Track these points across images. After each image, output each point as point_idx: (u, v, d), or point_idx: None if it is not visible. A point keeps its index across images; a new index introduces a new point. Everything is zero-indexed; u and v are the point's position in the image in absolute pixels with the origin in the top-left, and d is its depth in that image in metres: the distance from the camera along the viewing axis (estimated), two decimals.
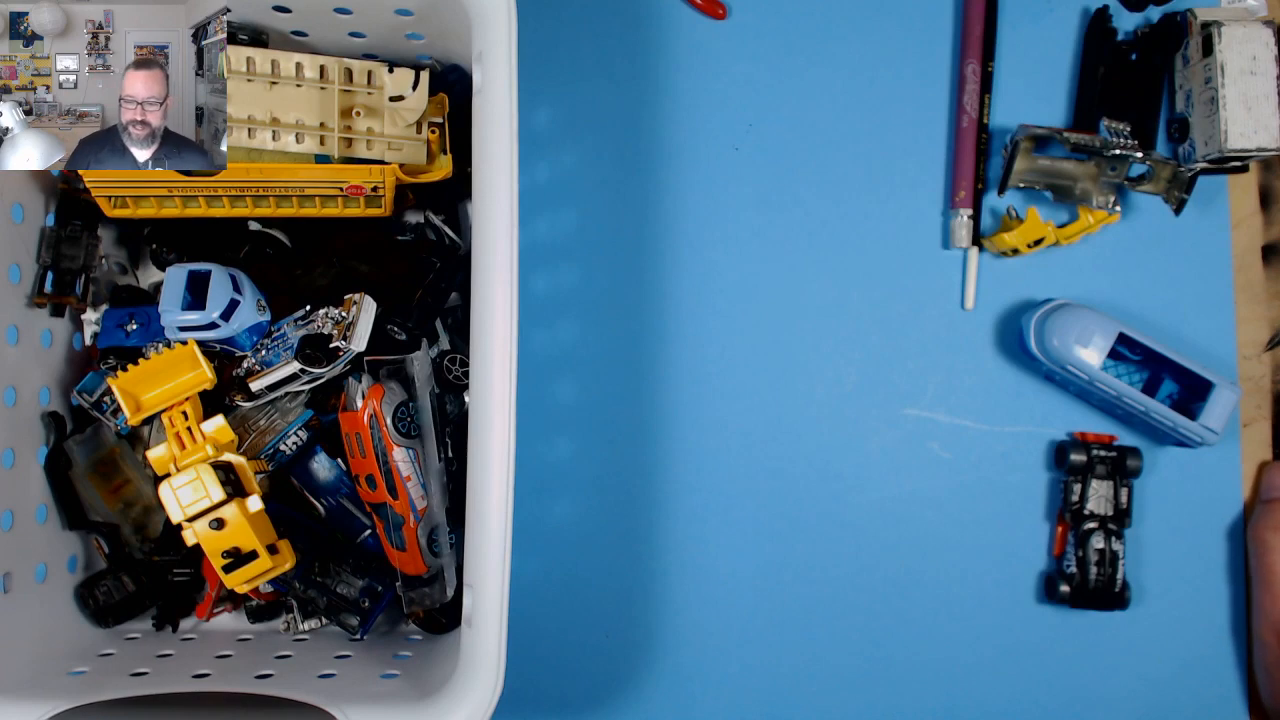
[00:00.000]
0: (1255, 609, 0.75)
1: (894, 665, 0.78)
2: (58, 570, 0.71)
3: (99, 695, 0.59)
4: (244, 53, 0.67)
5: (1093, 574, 0.75)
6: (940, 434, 0.79)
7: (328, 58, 0.68)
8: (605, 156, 0.80)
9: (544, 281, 0.80)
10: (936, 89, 0.80)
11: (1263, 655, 0.74)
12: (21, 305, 0.70)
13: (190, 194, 0.68)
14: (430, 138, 0.69)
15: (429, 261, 0.72)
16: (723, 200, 0.80)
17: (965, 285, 0.79)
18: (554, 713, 0.78)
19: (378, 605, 0.72)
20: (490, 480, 0.56)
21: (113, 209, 0.68)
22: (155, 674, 0.64)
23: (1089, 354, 0.73)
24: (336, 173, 0.67)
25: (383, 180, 0.67)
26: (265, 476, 0.71)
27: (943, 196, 0.80)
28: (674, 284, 0.80)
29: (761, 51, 0.81)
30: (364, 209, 0.70)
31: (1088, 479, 0.76)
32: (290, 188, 0.67)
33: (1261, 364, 0.79)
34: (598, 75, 0.81)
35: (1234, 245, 0.79)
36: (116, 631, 0.73)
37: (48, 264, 0.71)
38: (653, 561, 0.78)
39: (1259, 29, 0.73)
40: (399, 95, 0.68)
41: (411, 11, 0.65)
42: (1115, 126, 0.75)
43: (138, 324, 0.73)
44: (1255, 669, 0.76)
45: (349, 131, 0.68)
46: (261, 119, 0.67)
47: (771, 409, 0.79)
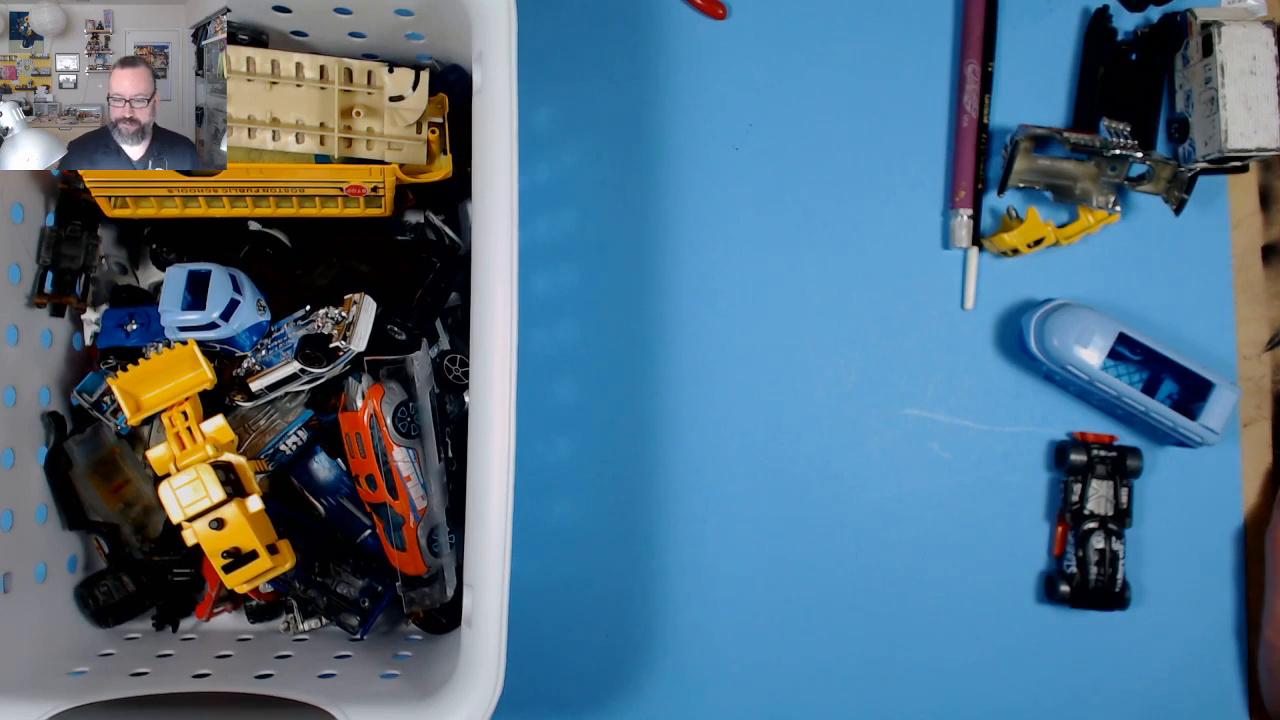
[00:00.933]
0: (1266, 612, 0.75)
1: (894, 665, 0.78)
2: (58, 570, 0.71)
3: (99, 695, 0.59)
4: (244, 53, 0.67)
5: (1093, 574, 0.75)
6: (940, 434, 0.79)
7: (328, 58, 0.68)
8: (605, 156, 0.80)
9: (544, 281, 0.80)
10: (936, 89, 0.80)
11: (1268, 657, 0.74)
12: (21, 305, 0.70)
13: (190, 194, 0.68)
14: (430, 138, 0.69)
15: (429, 261, 0.72)
16: (723, 200, 0.80)
17: (965, 285, 0.79)
18: (554, 713, 0.78)
19: (378, 605, 0.72)
20: (490, 480, 0.56)
21: (113, 209, 0.68)
22: (155, 674, 0.64)
23: (1089, 354, 0.73)
24: (336, 173, 0.67)
25: (383, 180, 0.67)
26: (265, 476, 0.71)
27: (943, 196, 0.80)
28: (674, 284, 0.80)
29: (761, 51, 0.81)
30: (364, 209, 0.70)
31: (1088, 479, 0.76)
32: (290, 188, 0.67)
33: (1261, 364, 0.79)
34: (598, 75, 0.81)
35: (1234, 245, 0.79)
36: (116, 631, 0.73)
37: (48, 264, 0.71)
38: (653, 561, 0.78)
39: (1259, 29, 0.73)
40: (399, 95, 0.68)
41: (411, 11, 0.65)
42: (1115, 126, 0.75)
43: (138, 324, 0.73)
44: (1259, 670, 0.76)
45: (349, 131, 0.68)
46: (261, 119, 0.67)
47: (771, 409, 0.79)
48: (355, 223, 0.72)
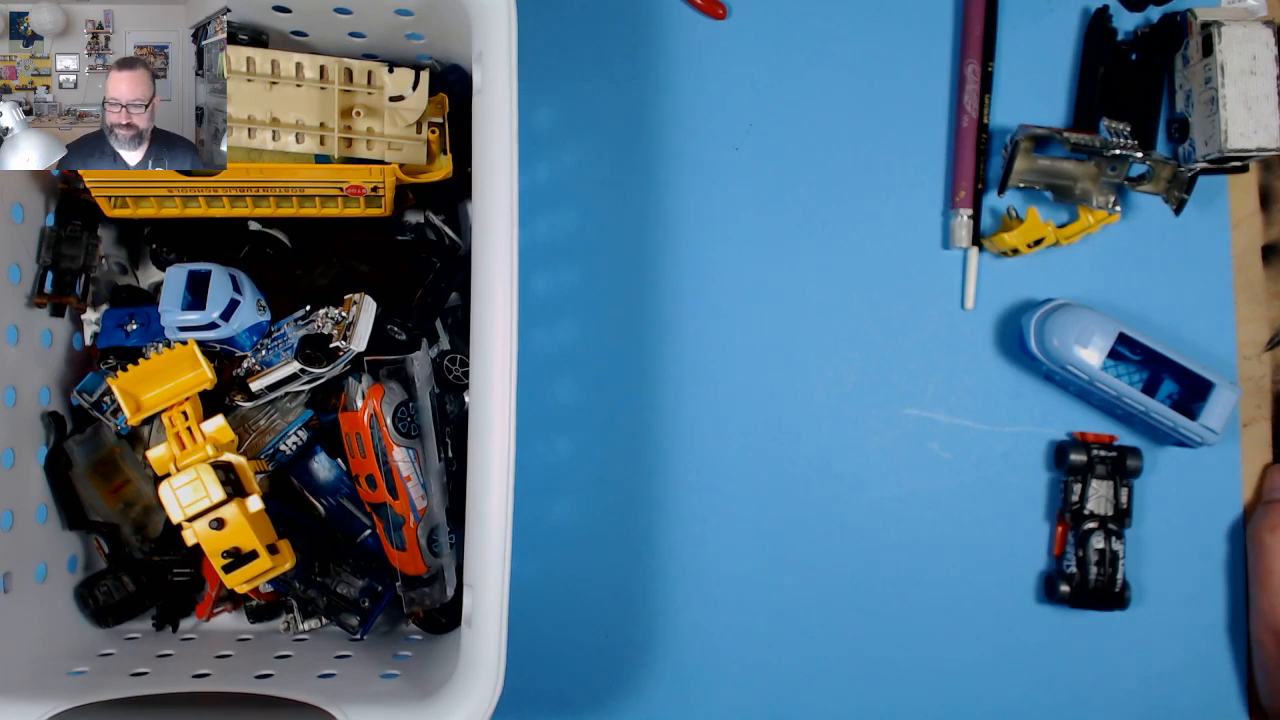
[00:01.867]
0: (1253, 610, 0.75)
1: (894, 665, 0.78)
2: (58, 570, 0.71)
3: (99, 695, 0.59)
4: (244, 53, 0.67)
5: (1093, 574, 0.75)
6: (940, 434, 0.79)
7: (328, 58, 0.68)
8: (605, 156, 0.80)
9: (544, 281, 0.80)
10: (936, 89, 0.80)
11: (1260, 656, 0.74)
12: (21, 305, 0.70)
13: (190, 194, 0.68)
14: (430, 138, 0.69)
15: (429, 261, 0.72)
16: (723, 200, 0.80)
17: (965, 285, 0.79)
18: (554, 713, 0.78)
19: (378, 605, 0.72)
20: (490, 480, 0.56)
21: (113, 209, 0.68)
22: (155, 674, 0.64)
23: (1089, 354, 0.73)
24: (336, 173, 0.67)
25: (383, 180, 0.67)
26: (265, 476, 0.71)
27: (943, 196, 0.80)
28: (674, 284, 0.80)
29: (761, 51, 0.81)
30: (364, 209, 0.70)
31: (1088, 479, 0.76)
32: (290, 188, 0.67)
33: (1261, 364, 0.79)
34: (598, 75, 0.81)
35: (1234, 245, 0.79)
36: (116, 631, 0.73)
37: (48, 264, 0.71)
38: (653, 561, 0.78)
39: (1259, 29, 0.73)
40: (399, 95, 0.68)
41: (411, 11, 0.65)
42: (1115, 126, 0.75)
43: (138, 324, 0.73)
44: (1254, 669, 0.76)
45: (349, 131, 0.68)
46: (261, 119, 0.67)
47: (771, 409, 0.79)
48: (355, 223, 0.72)
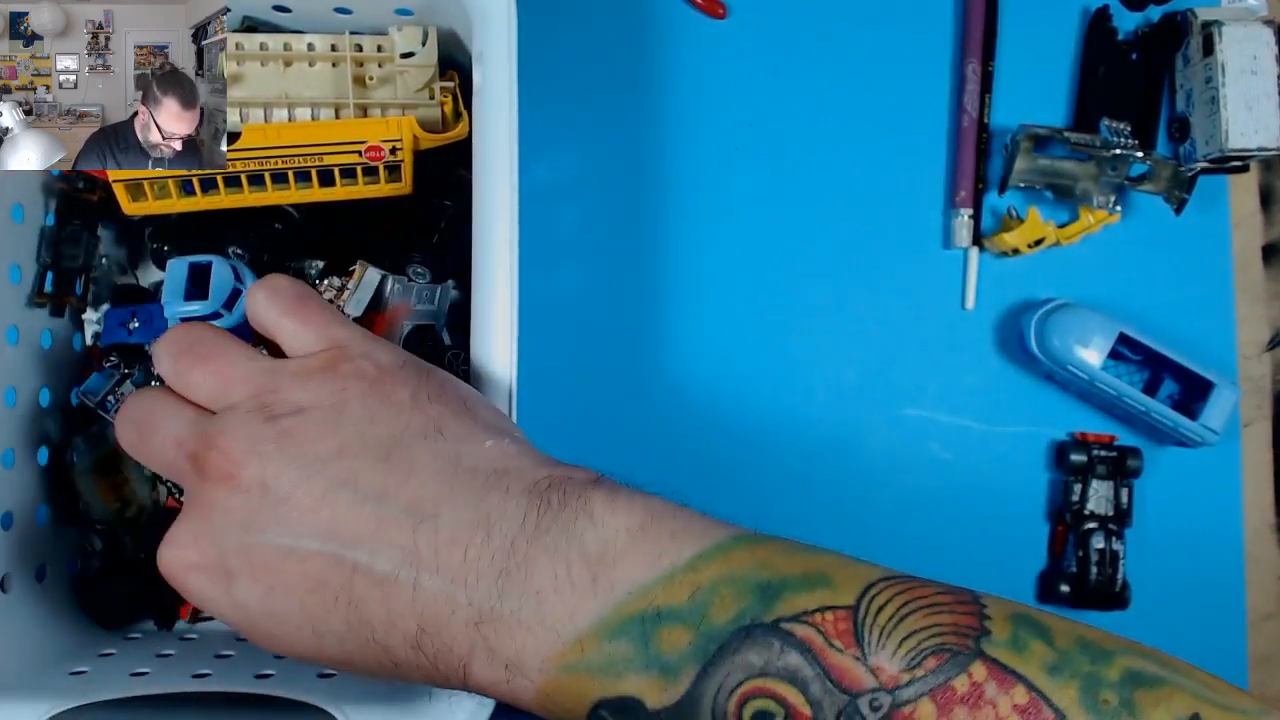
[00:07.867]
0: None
1: None
2: (58, 570, 0.71)
3: (99, 695, 0.59)
4: (258, 38, 0.66)
5: (1093, 574, 0.75)
6: (940, 434, 0.79)
7: (338, 36, 0.67)
8: (605, 156, 0.80)
9: (544, 282, 0.80)
10: (937, 89, 0.80)
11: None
12: (21, 305, 0.70)
13: (209, 176, 0.66)
14: (443, 101, 0.68)
15: (441, 205, 0.72)
16: (723, 200, 0.80)
17: (965, 285, 0.79)
18: None
19: None
20: None
21: (131, 203, 0.67)
22: (155, 674, 0.63)
23: (1089, 354, 0.73)
24: (354, 129, 0.65)
25: (401, 137, 0.66)
26: None
27: (943, 196, 0.80)
28: (673, 283, 0.80)
29: (761, 51, 0.81)
30: (383, 184, 0.69)
31: (1088, 479, 0.76)
32: (309, 156, 0.66)
33: (1261, 364, 0.79)
34: (597, 75, 0.81)
35: (1234, 245, 0.79)
36: (116, 631, 0.73)
37: (48, 264, 0.71)
38: None
39: (1260, 29, 0.73)
40: (409, 51, 0.67)
41: (412, 11, 0.65)
42: (1115, 126, 0.75)
43: (140, 321, 0.72)
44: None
45: (364, 100, 0.67)
46: (277, 99, 0.66)
47: (771, 408, 0.79)
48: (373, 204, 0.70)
